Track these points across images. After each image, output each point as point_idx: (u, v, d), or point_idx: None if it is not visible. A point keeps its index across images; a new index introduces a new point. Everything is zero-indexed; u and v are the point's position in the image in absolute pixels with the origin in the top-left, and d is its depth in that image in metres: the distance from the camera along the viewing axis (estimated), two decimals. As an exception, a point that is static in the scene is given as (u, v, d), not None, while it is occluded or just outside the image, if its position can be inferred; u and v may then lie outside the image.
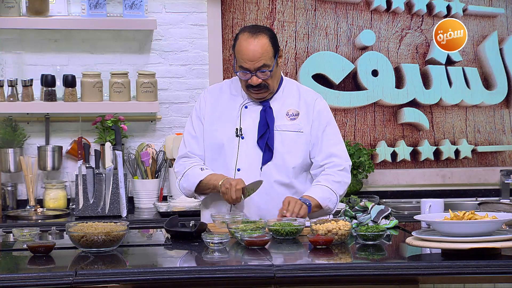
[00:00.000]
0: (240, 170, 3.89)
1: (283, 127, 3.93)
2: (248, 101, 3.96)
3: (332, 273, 3.03)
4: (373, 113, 5.71)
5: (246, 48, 3.81)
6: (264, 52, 3.81)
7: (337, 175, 3.93)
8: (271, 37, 3.87)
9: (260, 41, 3.82)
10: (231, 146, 3.92)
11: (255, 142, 3.91)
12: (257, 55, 3.80)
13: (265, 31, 3.87)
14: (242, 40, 3.84)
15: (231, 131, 3.93)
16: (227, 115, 3.96)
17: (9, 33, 5.32)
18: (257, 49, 3.81)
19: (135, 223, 4.72)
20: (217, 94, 4.04)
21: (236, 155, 3.91)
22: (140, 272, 2.99)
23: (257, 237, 3.35)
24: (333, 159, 3.94)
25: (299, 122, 3.94)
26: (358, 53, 5.69)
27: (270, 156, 3.90)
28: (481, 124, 5.79)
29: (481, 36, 5.77)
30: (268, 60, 3.83)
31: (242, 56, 3.83)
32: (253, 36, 3.83)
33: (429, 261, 3.15)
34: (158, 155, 5.36)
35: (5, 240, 3.75)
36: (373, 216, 3.77)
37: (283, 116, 3.94)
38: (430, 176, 5.74)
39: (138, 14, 5.28)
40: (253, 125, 3.92)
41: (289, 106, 3.97)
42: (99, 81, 5.28)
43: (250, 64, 3.81)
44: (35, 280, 2.92)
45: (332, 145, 3.96)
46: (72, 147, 5.34)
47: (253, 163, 3.90)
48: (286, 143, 3.92)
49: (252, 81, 3.84)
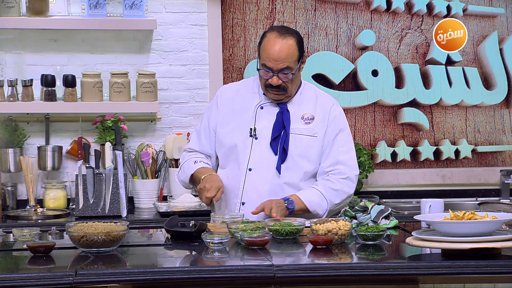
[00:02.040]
0: (251, 170, 3.89)
1: (297, 131, 3.92)
2: (265, 102, 3.95)
3: (332, 273, 3.02)
4: (373, 113, 5.71)
5: (272, 47, 3.80)
6: (290, 54, 3.80)
7: (338, 182, 3.91)
8: (299, 40, 3.86)
9: (287, 42, 3.81)
10: (244, 145, 3.92)
11: (269, 144, 3.91)
12: (282, 55, 3.79)
13: (293, 33, 3.86)
14: (269, 39, 3.83)
15: (245, 131, 3.94)
16: (242, 114, 3.96)
17: (9, 33, 5.32)
18: (283, 49, 3.79)
19: (135, 223, 4.73)
20: (233, 92, 4.04)
21: (249, 155, 3.91)
22: (140, 272, 2.99)
23: (257, 237, 3.35)
24: (338, 167, 3.93)
25: (313, 127, 3.93)
26: (358, 53, 5.69)
27: (285, 158, 3.90)
28: (481, 124, 5.79)
29: (481, 36, 5.77)
30: (292, 63, 3.82)
31: (267, 54, 3.81)
32: (281, 36, 3.81)
33: (429, 261, 3.15)
34: (158, 155, 5.36)
35: (5, 240, 3.75)
36: (373, 216, 3.77)
37: (298, 120, 3.93)
38: (430, 176, 5.74)
39: (138, 14, 5.28)
40: (268, 126, 3.92)
41: (305, 110, 3.96)
42: (99, 81, 5.28)
43: (274, 64, 3.80)
44: (35, 280, 2.92)
45: (341, 153, 3.94)
46: (72, 147, 5.34)
47: (265, 164, 3.90)
48: (300, 147, 3.91)
49: (273, 81, 3.83)
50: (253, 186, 3.90)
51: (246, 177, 3.90)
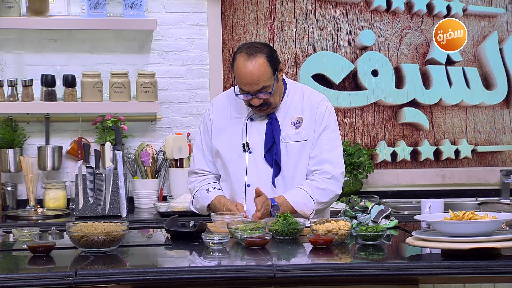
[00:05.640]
0: (250, 186, 3.87)
1: (288, 138, 3.89)
2: (254, 113, 3.92)
3: (332, 273, 3.02)
4: (373, 113, 5.71)
5: (243, 72, 3.74)
6: (262, 74, 3.74)
7: (323, 182, 3.86)
8: (269, 55, 3.78)
9: (256, 63, 3.74)
10: (239, 161, 3.90)
11: (263, 157, 3.88)
12: (255, 78, 3.74)
13: (262, 50, 3.78)
14: (239, 62, 3.76)
15: (238, 146, 3.91)
16: (233, 129, 3.93)
17: (9, 33, 5.32)
18: (255, 71, 3.73)
19: (135, 223, 4.72)
20: (222, 106, 4.00)
21: (245, 170, 3.89)
22: (140, 272, 2.99)
23: (257, 237, 3.35)
24: (324, 166, 3.88)
25: (303, 130, 3.90)
26: (358, 53, 5.69)
27: (278, 170, 3.88)
28: (481, 124, 5.79)
29: (481, 36, 5.77)
30: (267, 81, 3.76)
31: (240, 79, 3.77)
32: (250, 58, 3.74)
33: (429, 261, 3.15)
34: (158, 155, 5.36)
35: (5, 240, 3.75)
36: (373, 216, 3.77)
37: (288, 125, 3.91)
38: (430, 176, 5.74)
39: (138, 14, 5.28)
40: (260, 139, 3.89)
41: (293, 113, 3.93)
42: (99, 81, 5.28)
43: (250, 87, 3.76)
44: (35, 280, 2.92)
45: (325, 151, 3.90)
46: (72, 147, 5.34)
47: (262, 178, 3.87)
48: (292, 155, 3.88)
49: (254, 102, 3.80)
50: (253, 202, 3.85)
51: (246, 193, 3.88)
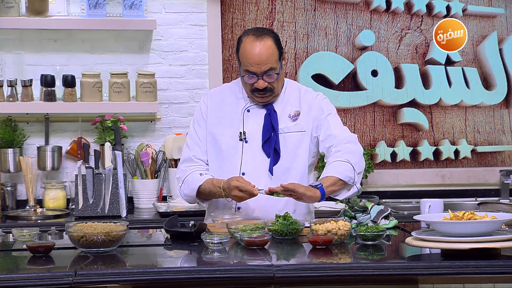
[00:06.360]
0: (244, 174, 3.85)
1: (286, 129, 3.90)
2: (251, 105, 3.93)
3: (332, 273, 3.03)
4: (373, 113, 5.71)
5: (252, 52, 3.76)
6: (270, 54, 3.77)
7: (343, 148, 3.81)
8: (276, 39, 3.83)
9: (265, 44, 3.78)
10: (235, 150, 3.89)
11: (260, 146, 3.88)
12: (263, 58, 3.76)
13: (269, 33, 3.84)
14: (247, 43, 3.79)
15: (234, 135, 3.91)
16: (229, 119, 3.93)
17: (9, 33, 5.32)
18: (263, 52, 3.76)
19: (135, 223, 4.72)
20: (218, 98, 3.99)
21: (240, 159, 3.89)
22: (140, 272, 2.99)
23: (257, 237, 3.35)
24: (337, 137, 3.85)
25: (300, 122, 3.92)
26: (358, 53, 5.69)
27: (277, 159, 3.88)
28: (481, 124, 5.79)
29: (480, 36, 5.77)
30: (274, 63, 3.79)
31: (248, 60, 3.78)
32: (258, 39, 3.78)
33: (429, 261, 3.15)
34: (157, 155, 5.36)
35: (4, 240, 3.76)
36: (372, 216, 3.77)
37: (285, 118, 3.92)
38: (429, 176, 5.74)
39: (137, 14, 5.28)
40: (257, 129, 3.89)
41: (290, 107, 3.94)
42: (99, 81, 5.28)
43: (257, 68, 3.77)
44: (34, 280, 2.92)
45: (335, 128, 3.88)
46: (71, 147, 5.34)
47: (258, 167, 3.87)
48: (290, 146, 3.89)
49: (259, 84, 3.80)
50: None
51: None
